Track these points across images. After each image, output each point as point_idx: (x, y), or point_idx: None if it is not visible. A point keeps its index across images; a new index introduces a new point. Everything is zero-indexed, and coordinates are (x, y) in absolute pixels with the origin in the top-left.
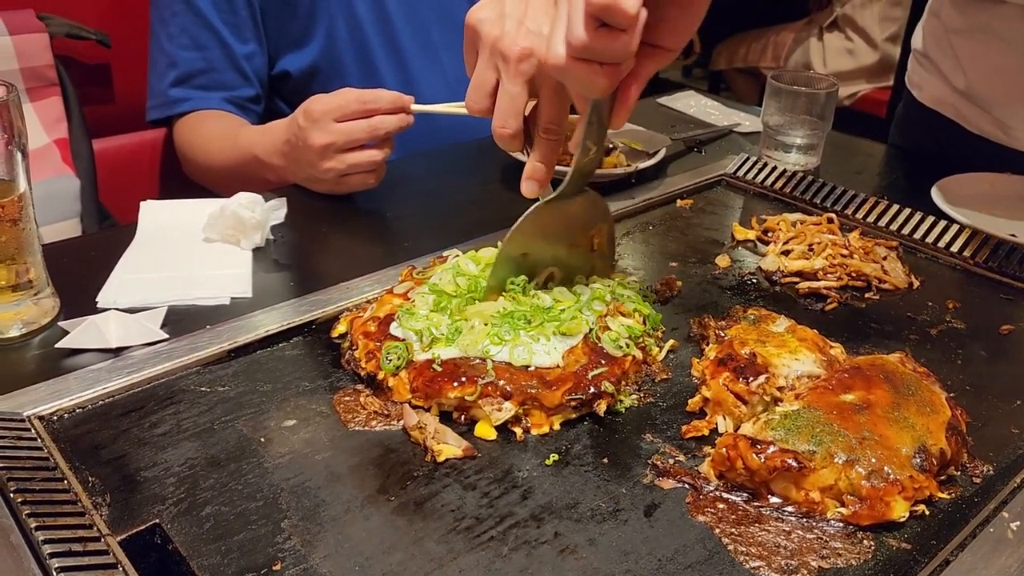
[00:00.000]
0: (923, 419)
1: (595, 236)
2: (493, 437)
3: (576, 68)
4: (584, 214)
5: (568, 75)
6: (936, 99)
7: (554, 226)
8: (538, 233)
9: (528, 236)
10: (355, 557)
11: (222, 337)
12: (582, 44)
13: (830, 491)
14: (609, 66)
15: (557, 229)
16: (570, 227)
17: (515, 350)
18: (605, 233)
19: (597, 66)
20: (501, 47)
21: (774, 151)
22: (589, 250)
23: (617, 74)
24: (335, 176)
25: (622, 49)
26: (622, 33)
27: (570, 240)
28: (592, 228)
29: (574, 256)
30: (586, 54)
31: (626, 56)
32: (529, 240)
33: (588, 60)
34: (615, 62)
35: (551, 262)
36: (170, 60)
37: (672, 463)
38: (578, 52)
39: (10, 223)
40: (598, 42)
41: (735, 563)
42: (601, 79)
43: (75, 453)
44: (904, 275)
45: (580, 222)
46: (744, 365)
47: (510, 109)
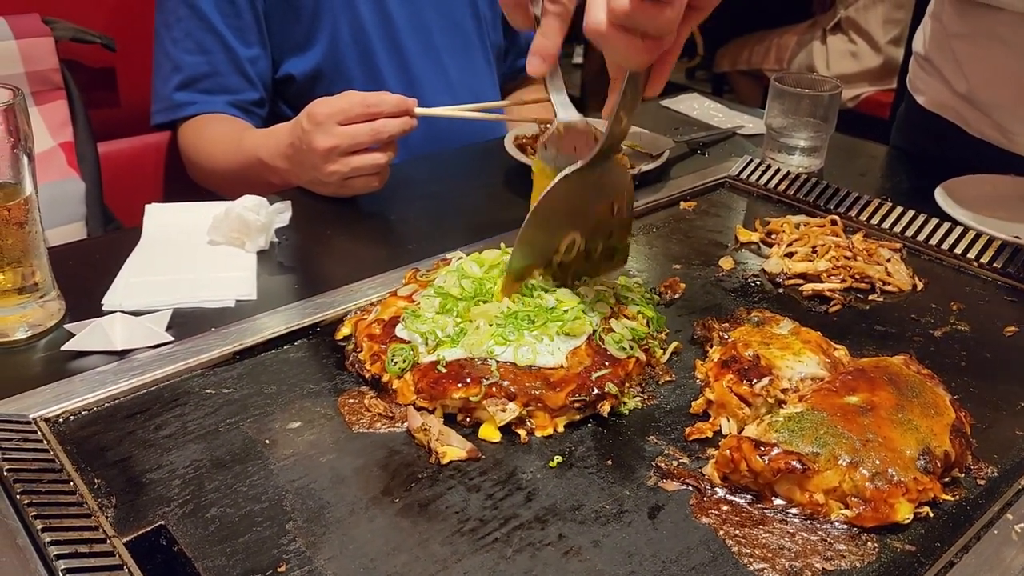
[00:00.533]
0: (927, 421)
1: (616, 201)
2: (497, 439)
3: (616, 38)
4: (608, 180)
5: (607, 44)
6: (937, 103)
7: (580, 194)
8: (565, 202)
9: (556, 204)
10: (360, 559)
11: (227, 339)
12: (624, 12)
13: (834, 493)
14: (651, 40)
15: (583, 196)
16: (595, 194)
17: (519, 350)
18: (625, 199)
19: (638, 40)
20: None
21: (777, 153)
22: (609, 215)
23: (658, 49)
24: (339, 179)
25: (665, 24)
26: (667, 7)
27: (594, 207)
28: (613, 194)
29: (595, 221)
30: (628, 22)
31: (668, 31)
32: (556, 207)
33: (629, 31)
34: (657, 36)
35: (573, 228)
36: (174, 64)
37: (676, 465)
38: (620, 19)
39: (16, 226)
40: (642, 13)
41: (739, 565)
42: (641, 54)
43: (81, 455)
44: (908, 277)
45: (604, 190)
46: (748, 367)
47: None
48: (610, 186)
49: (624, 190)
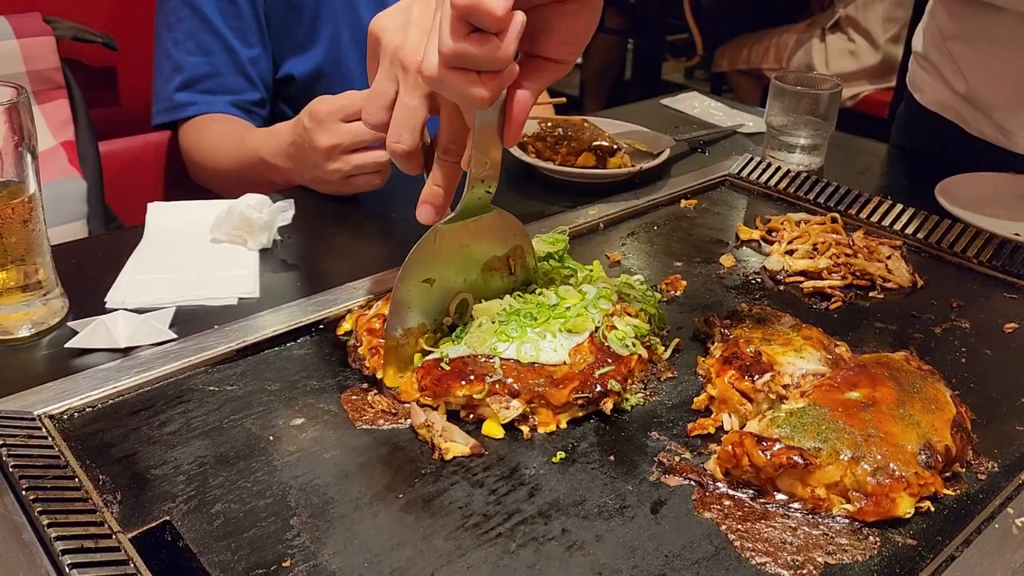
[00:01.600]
0: (928, 416)
1: (510, 258)
2: (501, 436)
3: (451, 78)
4: (494, 234)
5: (444, 86)
6: (937, 102)
7: (459, 249)
8: (441, 258)
9: (429, 262)
10: (364, 554)
11: (230, 337)
12: (452, 51)
13: (836, 488)
14: (488, 75)
15: (463, 252)
16: (479, 249)
17: (522, 347)
18: (522, 254)
19: (475, 75)
20: (401, 56)
21: (778, 151)
22: (506, 274)
23: (497, 83)
24: (341, 177)
25: (495, 54)
26: (493, 37)
27: (481, 263)
28: (507, 250)
29: (490, 281)
30: (459, 62)
31: (502, 62)
32: (431, 266)
33: (464, 69)
34: (492, 70)
35: (462, 288)
36: (175, 65)
37: (678, 460)
38: (450, 60)
39: (20, 224)
40: (469, 47)
41: (741, 559)
42: (480, 89)
43: (85, 451)
44: (908, 274)
45: (490, 243)
46: (749, 363)
47: (405, 123)
48: (498, 241)
49: (519, 244)
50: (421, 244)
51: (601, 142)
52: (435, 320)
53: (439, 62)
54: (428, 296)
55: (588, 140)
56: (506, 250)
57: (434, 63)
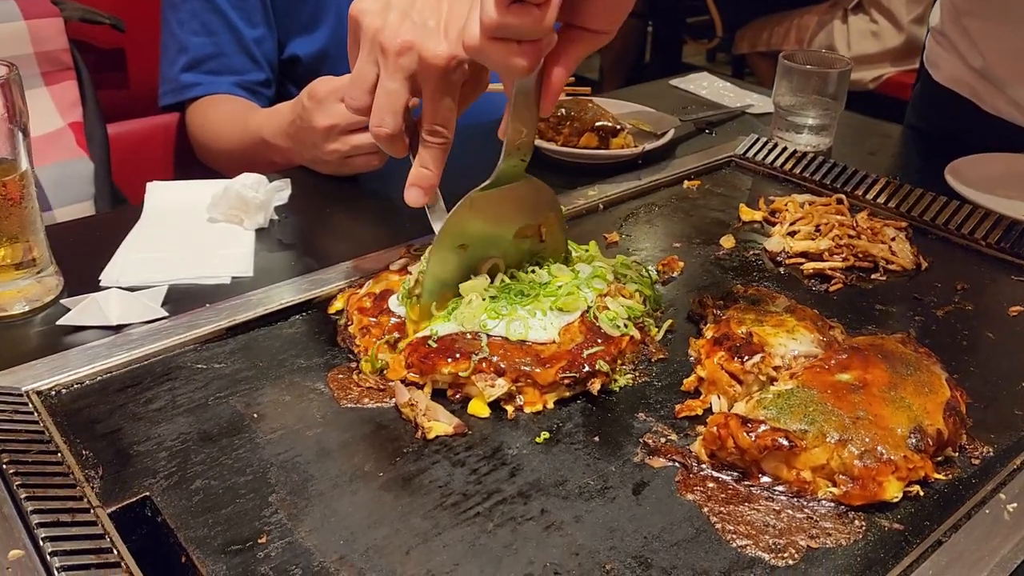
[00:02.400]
0: (920, 399)
1: (543, 226)
2: (486, 415)
3: (493, 48)
4: (527, 202)
5: (486, 56)
6: (953, 78)
7: (493, 215)
8: (474, 224)
9: (463, 228)
10: (340, 531)
11: (221, 315)
12: (494, 22)
13: (822, 471)
14: (528, 44)
15: (497, 218)
16: (512, 216)
17: (511, 324)
18: (554, 223)
19: (515, 45)
20: (381, 39)
21: (786, 132)
22: (537, 241)
23: (537, 53)
24: (339, 158)
25: (536, 24)
26: (534, 8)
27: (513, 230)
28: (539, 218)
29: (520, 247)
30: (501, 32)
31: (543, 32)
32: (464, 232)
33: (505, 39)
34: (533, 39)
35: (493, 253)
36: (180, 45)
37: (664, 442)
38: (492, 31)
39: (13, 202)
40: (511, 18)
41: (722, 541)
42: (520, 59)
43: (71, 427)
44: (912, 256)
45: (523, 211)
46: (740, 344)
47: (387, 106)
48: (530, 208)
49: (551, 214)
50: (457, 210)
51: (604, 122)
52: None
53: (480, 33)
54: (461, 261)
55: (591, 120)
56: (538, 219)
57: (476, 34)
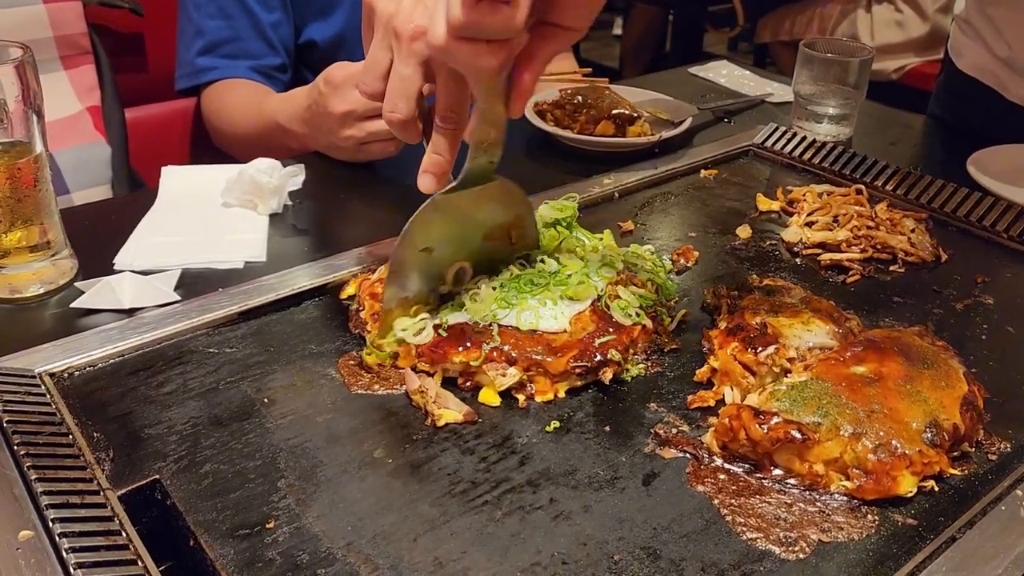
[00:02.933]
0: (937, 393)
1: (512, 228)
2: (497, 403)
3: (459, 48)
4: (496, 204)
5: (452, 56)
6: (977, 66)
7: (460, 218)
8: (440, 227)
9: (428, 231)
10: (348, 517)
11: (233, 299)
12: (460, 21)
13: (835, 464)
14: (496, 44)
15: (464, 221)
16: (480, 218)
17: (522, 314)
18: (525, 223)
19: (483, 44)
20: (395, 24)
21: (805, 121)
22: (507, 243)
23: (506, 52)
24: (355, 144)
25: (504, 24)
26: (503, 5)
27: (481, 232)
28: (508, 218)
29: (489, 249)
30: (468, 32)
31: (511, 31)
32: (429, 235)
33: (472, 39)
34: (501, 39)
35: (461, 257)
36: (197, 29)
37: (675, 433)
38: (458, 30)
39: (27, 185)
40: (477, 17)
41: (732, 533)
42: (488, 59)
43: (82, 409)
44: (931, 248)
45: (492, 213)
46: (754, 335)
47: (400, 92)
48: (500, 210)
49: (521, 213)
50: (420, 213)
51: (621, 110)
52: (432, 289)
53: (447, 32)
54: (426, 265)
55: (608, 108)
56: (507, 219)
57: (442, 33)
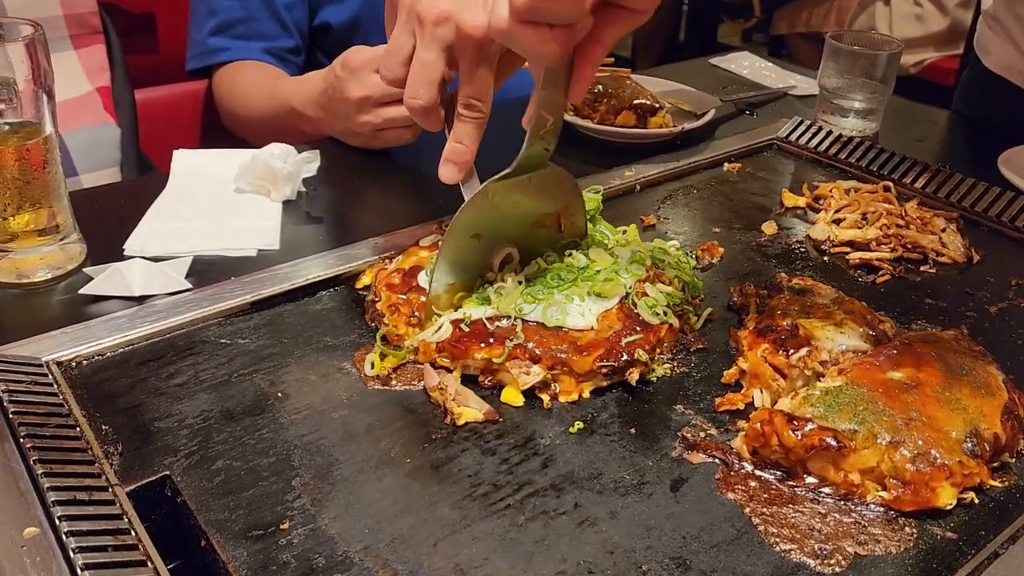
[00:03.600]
0: (977, 401)
1: (561, 216)
2: (520, 403)
3: (522, 32)
4: (547, 191)
5: (514, 40)
6: (1004, 65)
7: (511, 204)
8: (491, 214)
9: (479, 218)
10: (365, 519)
11: (246, 289)
12: (525, 5)
13: (871, 473)
14: (560, 28)
15: (515, 208)
16: (530, 205)
17: (548, 309)
18: (574, 211)
19: (546, 29)
20: (418, 9)
21: (831, 115)
22: (555, 231)
23: (569, 38)
24: (371, 130)
25: (570, 8)
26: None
27: (531, 220)
28: (558, 206)
29: (538, 237)
30: (532, 16)
31: (577, 16)
32: (480, 222)
33: (535, 23)
34: (565, 23)
35: (508, 243)
36: (210, 8)
37: (703, 436)
38: (523, 14)
39: (36, 167)
40: (544, 2)
41: (764, 544)
42: (552, 44)
43: (90, 400)
44: (963, 248)
45: (542, 200)
46: (785, 337)
47: (422, 77)
48: (551, 198)
49: (572, 202)
50: (473, 200)
51: (643, 100)
52: (479, 275)
53: (510, 15)
54: (475, 252)
55: (629, 98)
56: (557, 207)
57: (504, 16)
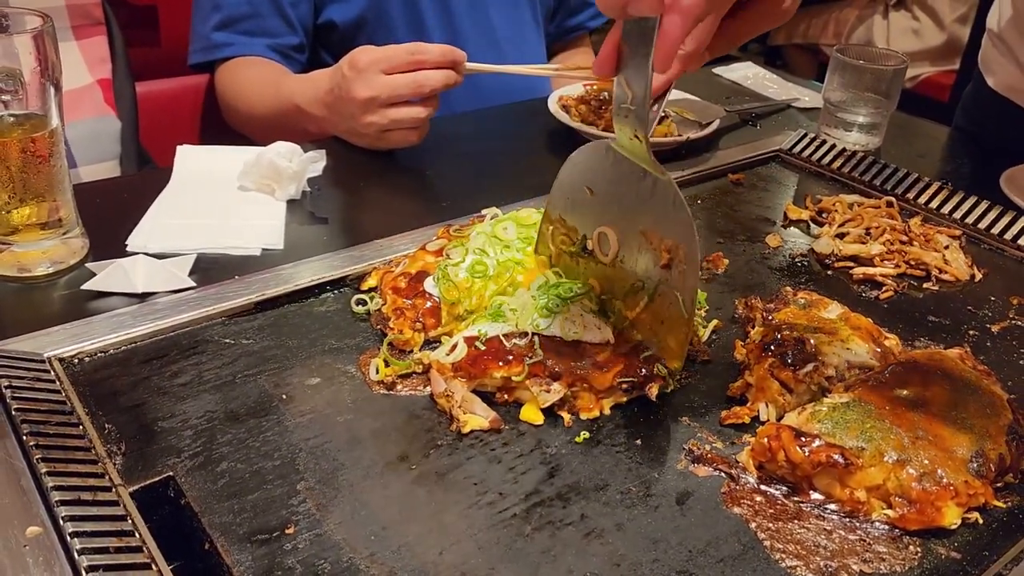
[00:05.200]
0: (982, 421)
1: (667, 249)
2: (540, 422)
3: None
4: (655, 207)
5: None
6: (1008, 85)
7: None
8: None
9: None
10: (371, 525)
11: (250, 288)
12: None
13: (877, 491)
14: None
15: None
16: (635, 206)
17: (565, 324)
18: (683, 254)
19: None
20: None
21: (834, 129)
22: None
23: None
24: (376, 131)
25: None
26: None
27: (638, 225)
28: (669, 233)
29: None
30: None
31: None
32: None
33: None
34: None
35: (613, 223)
36: (215, 3)
37: (709, 450)
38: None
39: (41, 159)
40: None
41: (770, 560)
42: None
43: (93, 398)
44: (966, 266)
45: (648, 212)
46: (792, 351)
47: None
48: (662, 219)
49: (686, 239)
50: (592, 146)
51: None
52: (582, 235)
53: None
54: (585, 204)
55: None
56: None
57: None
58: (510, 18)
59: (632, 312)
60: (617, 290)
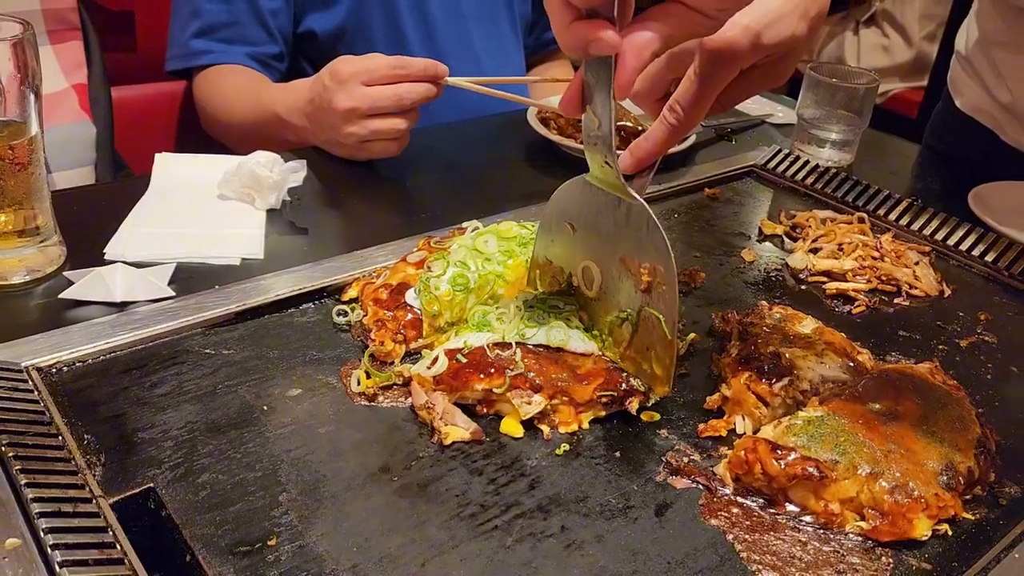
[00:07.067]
0: (952, 435)
1: (644, 271)
2: (520, 435)
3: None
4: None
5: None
6: (975, 107)
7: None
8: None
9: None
10: (353, 537)
11: (230, 298)
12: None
13: (851, 503)
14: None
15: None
16: (614, 233)
17: (551, 331)
18: (662, 278)
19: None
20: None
21: (807, 145)
22: (639, 287)
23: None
24: (356, 141)
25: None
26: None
27: (617, 252)
28: (648, 257)
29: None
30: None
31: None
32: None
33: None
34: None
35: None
36: (194, 10)
37: (687, 462)
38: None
39: (19, 167)
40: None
41: (747, 571)
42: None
43: (72, 408)
44: (936, 282)
45: (630, 238)
46: (768, 365)
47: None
48: (638, 243)
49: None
50: (569, 184)
51: (625, 123)
52: (567, 274)
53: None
54: (568, 239)
55: None
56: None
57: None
58: (489, 31)
59: (620, 347)
60: (603, 324)
